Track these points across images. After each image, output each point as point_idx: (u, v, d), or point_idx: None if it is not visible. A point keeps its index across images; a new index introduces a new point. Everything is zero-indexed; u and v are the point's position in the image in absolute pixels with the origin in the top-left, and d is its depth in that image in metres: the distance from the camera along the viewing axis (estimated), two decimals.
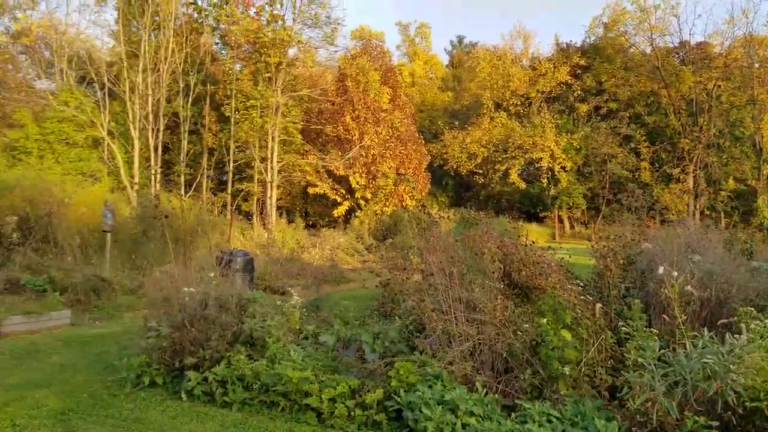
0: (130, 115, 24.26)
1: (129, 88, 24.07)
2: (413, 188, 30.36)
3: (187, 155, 27.12)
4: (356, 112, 29.12)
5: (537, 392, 5.63)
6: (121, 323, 10.08)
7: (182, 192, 25.63)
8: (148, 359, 6.48)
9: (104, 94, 24.35)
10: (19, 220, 13.78)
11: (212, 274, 7.51)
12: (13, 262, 12.22)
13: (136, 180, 24.01)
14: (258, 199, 27.88)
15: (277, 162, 27.11)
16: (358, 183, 29.29)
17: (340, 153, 29.33)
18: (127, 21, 25.60)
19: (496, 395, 5.58)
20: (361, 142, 28.68)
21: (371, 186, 29.55)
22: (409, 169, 30.57)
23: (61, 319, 9.75)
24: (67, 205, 14.80)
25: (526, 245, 7.36)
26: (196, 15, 29.21)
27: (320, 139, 31.12)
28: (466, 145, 38.70)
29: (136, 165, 24.50)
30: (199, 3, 28.98)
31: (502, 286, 6.65)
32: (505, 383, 5.79)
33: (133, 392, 6.23)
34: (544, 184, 38.24)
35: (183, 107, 26.16)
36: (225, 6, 27.93)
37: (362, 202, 29.68)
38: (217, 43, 30.45)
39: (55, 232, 13.82)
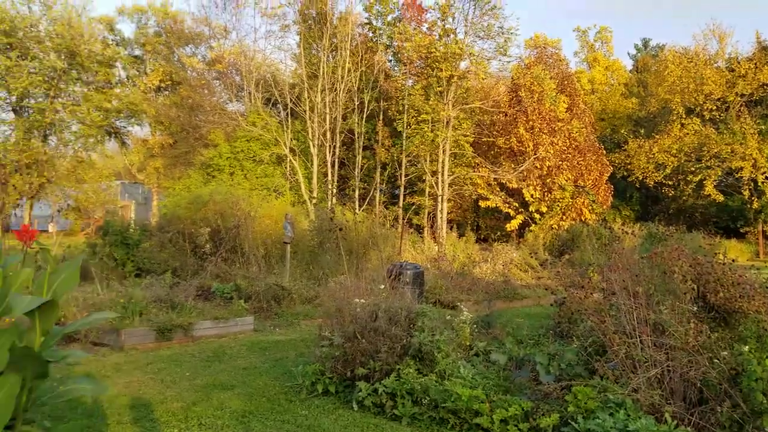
0: (310, 133, 25.70)
1: (309, 108, 25.53)
2: (593, 201, 28.58)
3: (361, 170, 28.03)
4: (530, 123, 28.09)
5: (737, 427, 4.94)
6: (298, 331, 10.35)
7: (356, 206, 26.49)
8: (321, 368, 6.58)
9: (287, 113, 26.09)
10: (211, 232, 14.93)
11: (382, 287, 7.49)
12: (205, 271, 13.21)
13: (315, 194, 25.31)
14: (429, 213, 27.96)
15: (448, 175, 26.98)
16: (532, 196, 28.20)
17: (513, 165, 28.49)
18: (307, 44, 27.28)
19: (689, 428, 4.98)
20: (535, 154, 27.60)
21: (546, 199, 28.31)
22: (588, 180, 28.85)
23: (245, 325, 10.17)
24: (253, 217, 15.77)
25: (723, 264, 6.55)
26: (370, 35, 30.32)
27: (492, 152, 30.49)
28: (654, 154, 35.73)
29: (314, 180, 25.84)
30: (374, 23, 30.11)
31: (695, 308, 6.00)
32: (698, 416, 5.14)
33: (307, 399, 6.32)
34: (746, 197, 34.11)
35: (358, 124, 27.11)
36: (398, 24, 28.62)
37: (537, 216, 28.53)
38: (390, 61, 31.24)
39: (242, 242, 14.73)
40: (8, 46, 24.61)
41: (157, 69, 34.80)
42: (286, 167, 26.50)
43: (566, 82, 31.06)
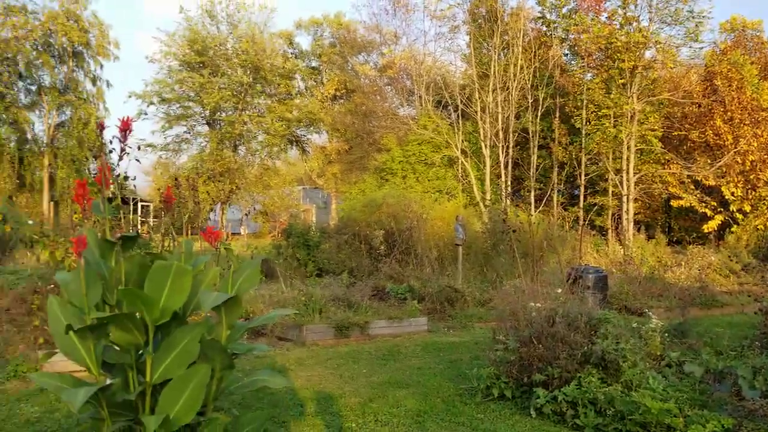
0: (482, 134, 25.43)
1: (480, 108, 25.29)
2: None
3: (536, 170, 27.26)
4: (728, 114, 25.50)
5: None
6: (471, 333, 10.24)
7: (531, 207, 25.74)
8: (496, 371, 6.42)
9: (458, 115, 26.09)
10: (385, 234, 15.27)
11: (559, 290, 7.30)
12: (379, 271, 13.50)
13: (488, 196, 24.93)
14: (613, 213, 26.42)
15: (634, 173, 25.42)
16: (733, 194, 25.55)
17: (709, 161, 26.03)
18: (477, 44, 27.07)
19: None
20: (735, 148, 25.00)
21: (750, 197, 25.46)
22: None
23: (419, 326, 10.23)
24: (425, 220, 15.88)
25: None
26: (544, 29, 29.28)
27: (684, 147, 28.11)
28: None
29: (487, 181, 25.51)
30: (548, 16, 29.04)
31: None
32: None
33: (482, 402, 6.17)
34: None
35: (532, 122, 26.46)
36: (574, 15, 27.34)
37: (739, 216, 25.73)
38: (566, 54, 30.05)
39: (415, 244, 14.87)
40: (201, 65, 27.30)
41: (332, 78, 36.63)
42: (457, 169, 26.55)
43: None
